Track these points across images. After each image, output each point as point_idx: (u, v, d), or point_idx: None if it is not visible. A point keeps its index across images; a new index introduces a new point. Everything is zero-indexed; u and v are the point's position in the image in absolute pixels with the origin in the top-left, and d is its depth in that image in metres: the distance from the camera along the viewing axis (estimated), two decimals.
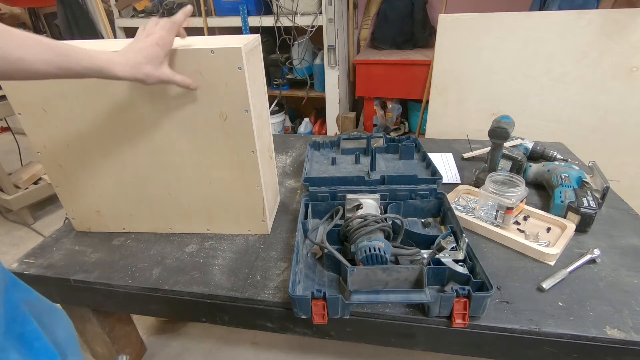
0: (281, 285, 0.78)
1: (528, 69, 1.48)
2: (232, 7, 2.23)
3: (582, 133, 1.51)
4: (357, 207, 0.88)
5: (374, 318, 0.71)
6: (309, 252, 0.85)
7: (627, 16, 1.32)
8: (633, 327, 0.65)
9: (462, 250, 0.77)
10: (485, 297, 0.65)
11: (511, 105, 1.56)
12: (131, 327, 1.21)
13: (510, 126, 0.94)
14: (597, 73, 1.41)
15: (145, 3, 2.43)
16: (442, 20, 1.51)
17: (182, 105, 0.76)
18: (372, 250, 0.73)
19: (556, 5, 1.62)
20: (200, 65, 0.71)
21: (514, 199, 0.86)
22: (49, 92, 0.77)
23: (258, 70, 0.83)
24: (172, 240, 0.93)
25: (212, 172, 0.84)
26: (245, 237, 0.93)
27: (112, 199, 0.91)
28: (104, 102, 0.77)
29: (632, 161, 1.49)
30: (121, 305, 0.87)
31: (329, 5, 2.05)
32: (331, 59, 2.21)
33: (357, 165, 1.17)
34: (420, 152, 1.19)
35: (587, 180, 0.98)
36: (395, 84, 2.23)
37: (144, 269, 0.84)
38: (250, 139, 0.78)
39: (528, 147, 1.20)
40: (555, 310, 0.69)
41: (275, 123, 2.60)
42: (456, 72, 1.58)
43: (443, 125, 1.70)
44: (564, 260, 0.79)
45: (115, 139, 0.82)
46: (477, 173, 1.08)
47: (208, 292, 0.77)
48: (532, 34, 1.43)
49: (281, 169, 1.24)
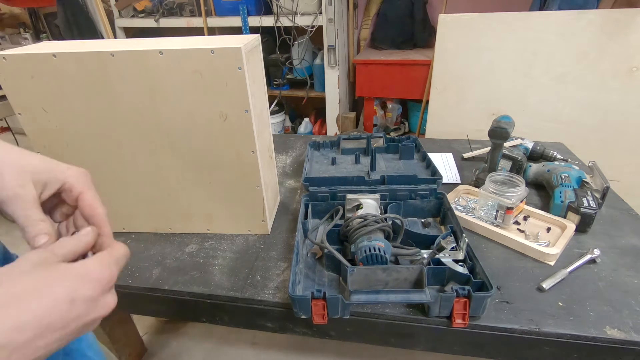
0: (281, 285, 0.78)
1: (528, 69, 1.48)
2: (232, 7, 2.23)
3: (582, 133, 1.51)
4: (357, 207, 0.88)
5: (374, 318, 0.71)
6: (309, 252, 0.85)
7: (627, 16, 1.32)
8: (633, 327, 0.65)
9: (462, 250, 0.77)
10: (485, 297, 0.65)
11: (511, 105, 1.56)
12: (131, 327, 1.21)
13: (510, 126, 0.94)
14: (597, 73, 1.41)
15: (145, 3, 2.43)
16: (442, 20, 1.51)
17: (182, 105, 0.76)
18: (372, 250, 0.73)
19: (556, 5, 1.62)
20: (200, 65, 0.71)
21: (514, 199, 0.86)
22: (49, 92, 0.77)
23: (258, 70, 0.83)
24: (172, 240, 0.93)
25: (212, 172, 0.84)
26: (245, 237, 0.93)
27: (112, 199, 0.91)
28: (104, 102, 0.77)
29: (632, 161, 1.49)
30: (121, 305, 0.86)
31: (329, 5, 2.05)
32: (331, 59, 2.21)
33: (357, 165, 1.17)
34: (420, 152, 1.19)
35: (587, 180, 0.98)
36: (395, 84, 2.23)
37: (144, 269, 0.84)
38: (250, 139, 0.78)
39: (528, 147, 1.20)
40: (555, 310, 0.69)
41: (275, 123, 2.60)
42: (456, 72, 1.58)
43: (443, 125, 1.70)
44: (564, 260, 0.79)
45: (115, 139, 0.82)
46: (477, 173, 1.08)
47: (208, 292, 0.77)
48: (532, 34, 1.43)
49: (281, 169, 1.24)
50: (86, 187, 0.36)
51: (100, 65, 0.72)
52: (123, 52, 0.71)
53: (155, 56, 0.70)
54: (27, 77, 0.74)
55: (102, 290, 0.32)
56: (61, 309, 0.28)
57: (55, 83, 0.75)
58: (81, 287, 0.30)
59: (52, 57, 0.71)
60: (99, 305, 0.31)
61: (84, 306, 0.30)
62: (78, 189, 0.35)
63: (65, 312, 0.28)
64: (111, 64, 0.72)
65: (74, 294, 0.29)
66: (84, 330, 0.31)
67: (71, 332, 0.29)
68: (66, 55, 0.71)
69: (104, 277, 0.32)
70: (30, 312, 0.27)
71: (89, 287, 0.31)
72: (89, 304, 0.30)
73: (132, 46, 0.72)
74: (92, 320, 0.31)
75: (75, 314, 0.29)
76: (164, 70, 0.72)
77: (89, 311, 0.30)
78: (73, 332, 0.30)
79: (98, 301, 0.31)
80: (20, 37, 2.70)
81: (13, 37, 2.69)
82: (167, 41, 0.76)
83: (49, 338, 0.28)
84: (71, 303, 0.29)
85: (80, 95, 0.77)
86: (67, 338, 0.29)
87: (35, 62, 0.72)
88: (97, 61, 0.72)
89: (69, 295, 0.29)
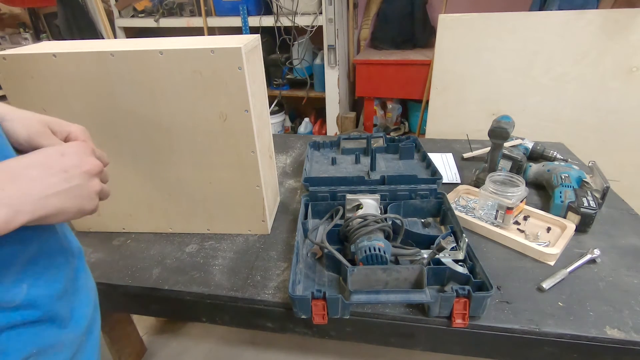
0: (281, 285, 0.78)
1: (528, 69, 1.48)
2: (232, 7, 2.23)
3: (582, 133, 1.51)
4: (357, 207, 0.88)
5: (374, 318, 0.71)
6: (309, 252, 0.85)
7: (627, 16, 1.32)
8: (633, 327, 0.65)
9: (462, 250, 0.77)
10: (485, 297, 0.65)
11: (511, 105, 1.56)
12: (131, 327, 1.21)
13: (510, 126, 0.94)
14: (597, 73, 1.41)
15: (145, 3, 2.43)
16: (442, 20, 1.51)
17: (182, 105, 0.76)
18: (372, 250, 0.73)
19: (556, 5, 1.62)
20: (200, 65, 0.71)
21: (514, 199, 0.86)
22: (49, 92, 0.77)
23: (258, 70, 0.83)
24: (172, 240, 0.93)
25: (212, 172, 0.84)
26: (245, 237, 0.93)
27: (112, 199, 0.90)
28: (104, 102, 0.77)
29: (632, 161, 1.49)
30: (121, 305, 0.87)
31: (329, 5, 2.05)
32: (331, 59, 2.21)
33: (357, 165, 1.17)
34: (420, 152, 1.19)
35: (587, 180, 0.98)
36: (395, 84, 2.23)
37: (144, 269, 0.84)
38: (250, 139, 0.78)
39: (528, 147, 1.20)
40: (555, 310, 0.69)
41: (275, 123, 2.60)
42: (456, 72, 1.58)
43: (443, 125, 1.70)
44: (564, 260, 0.79)
45: (115, 139, 0.82)
46: (477, 173, 1.08)
47: (208, 292, 0.77)
48: (532, 34, 1.43)
49: (281, 169, 1.24)
50: (87, 138, 0.46)
51: (100, 65, 0.72)
52: (123, 52, 0.71)
53: (155, 56, 0.70)
54: (27, 77, 0.74)
55: (84, 150, 0.41)
56: (54, 157, 0.39)
57: (55, 83, 0.75)
58: (67, 147, 0.41)
59: (52, 57, 0.71)
60: (87, 160, 0.41)
61: (75, 157, 0.40)
62: (81, 138, 0.45)
63: (58, 159, 0.39)
64: (111, 64, 0.72)
65: (63, 150, 0.40)
66: (85, 190, 0.40)
67: (73, 179, 0.38)
68: (66, 55, 0.71)
69: (86, 145, 0.43)
70: (28, 159, 0.37)
71: (73, 146, 0.41)
72: (78, 156, 0.40)
73: (132, 46, 0.72)
74: (86, 172, 0.40)
75: (69, 162, 0.39)
76: (164, 70, 0.72)
77: (80, 163, 0.40)
78: (75, 180, 0.39)
79: (85, 156, 0.41)
80: (20, 37, 2.70)
81: (13, 37, 2.69)
82: (167, 41, 0.76)
83: (56, 178, 0.37)
84: (62, 155, 0.39)
85: (80, 95, 0.77)
86: (72, 190, 0.38)
87: (35, 62, 0.72)
88: (97, 61, 0.72)
89: (58, 151, 0.40)
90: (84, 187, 0.40)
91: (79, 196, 0.39)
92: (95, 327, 0.52)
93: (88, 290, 0.52)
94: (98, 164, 0.42)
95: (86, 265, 0.54)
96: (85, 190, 0.40)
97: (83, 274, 0.51)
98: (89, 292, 0.52)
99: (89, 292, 0.52)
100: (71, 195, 0.38)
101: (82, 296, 0.49)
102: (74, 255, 0.49)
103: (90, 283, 0.54)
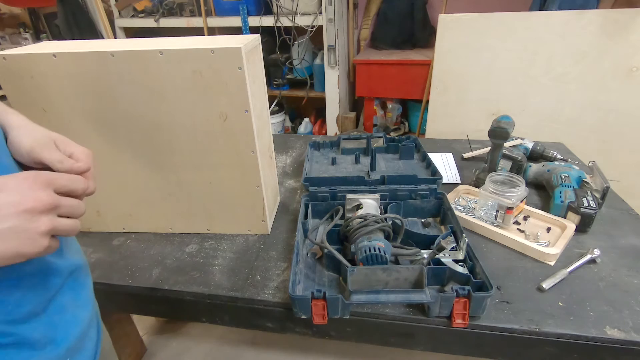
0: (281, 285, 0.78)
1: (528, 69, 1.48)
2: (232, 7, 2.23)
3: (582, 133, 1.51)
4: (357, 207, 0.88)
5: (374, 318, 0.71)
6: (309, 252, 0.85)
7: (627, 16, 1.32)
8: (633, 327, 0.65)
9: (462, 250, 0.77)
10: (485, 297, 0.65)
11: (511, 105, 1.56)
12: (131, 327, 1.21)
13: (510, 126, 0.94)
14: (597, 73, 1.41)
15: (145, 3, 2.43)
16: (442, 20, 1.51)
17: (182, 105, 0.76)
18: (372, 250, 0.73)
19: (556, 5, 1.62)
20: (200, 65, 0.71)
21: (514, 199, 0.86)
22: (49, 92, 0.77)
23: (258, 70, 0.83)
24: (172, 240, 0.93)
25: (212, 172, 0.84)
26: (245, 237, 0.93)
27: (112, 199, 0.91)
28: (104, 102, 0.77)
29: (632, 161, 1.49)
30: (121, 305, 0.87)
31: (329, 5, 2.05)
32: (331, 59, 2.21)
33: (357, 165, 1.17)
34: (420, 152, 1.19)
35: (587, 180, 0.98)
36: (395, 84, 2.23)
37: (144, 269, 0.84)
38: (250, 139, 0.78)
39: (528, 147, 1.20)
40: (555, 310, 0.69)
41: (275, 123, 2.60)
42: (456, 72, 1.58)
43: (443, 125, 1.70)
44: (564, 260, 0.79)
45: (115, 139, 0.82)
46: (477, 173, 1.08)
47: (208, 292, 0.77)
48: (532, 34, 1.43)
49: (281, 169, 1.24)
50: (89, 162, 0.45)
51: (100, 65, 0.72)
52: (123, 52, 0.71)
53: (155, 56, 0.70)
54: (27, 77, 0.74)
55: (30, 185, 0.36)
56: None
57: (55, 83, 0.75)
58: (9, 179, 0.36)
59: (52, 57, 0.71)
60: (31, 197, 0.36)
61: (14, 194, 0.35)
62: (83, 161, 0.45)
63: None
64: (111, 64, 0.72)
65: (1, 185, 0.35)
66: (23, 232, 0.35)
67: (8, 219, 0.34)
68: (66, 55, 0.71)
69: (37, 176, 0.37)
70: None
71: (17, 178, 0.36)
72: (19, 192, 0.35)
73: (132, 46, 0.72)
74: (26, 210, 0.35)
75: (5, 200, 0.34)
76: (164, 70, 0.72)
77: (20, 200, 0.35)
78: (10, 221, 0.34)
79: (30, 192, 0.36)
80: (20, 37, 2.70)
81: (13, 37, 2.69)
82: (167, 41, 0.76)
83: None
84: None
85: (80, 95, 0.77)
86: (4, 233, 0.34)
87: (35, 62, 0.72)
88: (97, 61, 0.72)
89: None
90: (22, 228, 0.34)
91: (14, 239, 0.34)
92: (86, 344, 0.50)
93: (78, 308, 0.49)
94: (46, 200, 0.36)
95: (85, 281, 0.52)
96: (24, 231, 0.35)
97: (71, 293, 0.48)
98: (78, 311, 0.49)
99: (79, 311, 0.49)
100: (3, 237, 0.34)
101: (68, 316, 0.47)
102: (59, 274, 0.47)
103: (83, 300, 0.51)
